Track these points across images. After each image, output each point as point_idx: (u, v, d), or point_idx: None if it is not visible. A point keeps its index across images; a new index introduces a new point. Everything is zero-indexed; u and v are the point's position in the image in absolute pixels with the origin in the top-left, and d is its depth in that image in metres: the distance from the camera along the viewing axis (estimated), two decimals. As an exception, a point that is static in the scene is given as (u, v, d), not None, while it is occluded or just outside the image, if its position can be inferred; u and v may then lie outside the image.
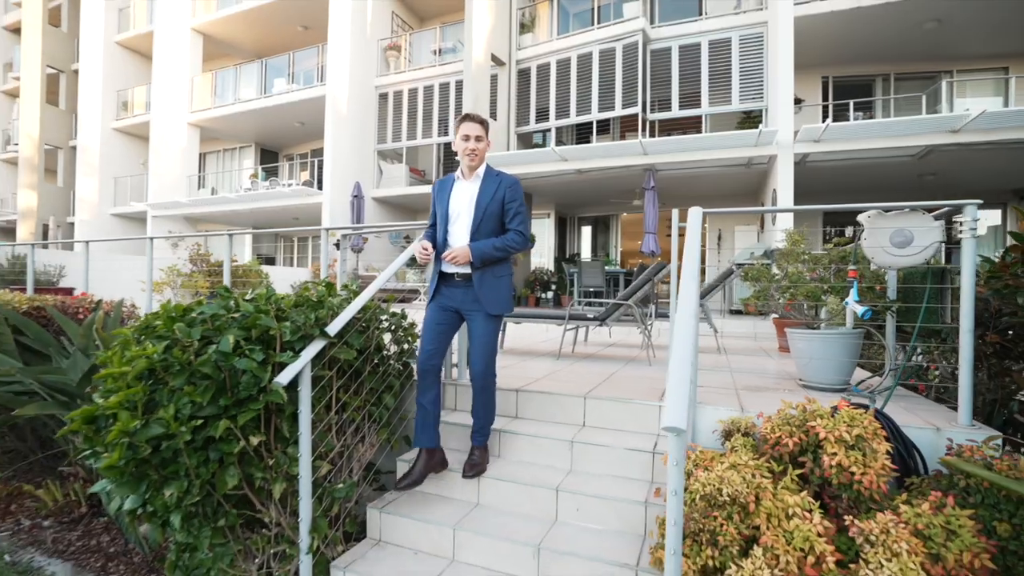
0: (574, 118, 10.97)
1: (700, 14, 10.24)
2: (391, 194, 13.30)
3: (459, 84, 12.12)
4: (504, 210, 2.59)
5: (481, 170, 2.64)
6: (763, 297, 3.26)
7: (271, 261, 18.06)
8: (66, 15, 19.90)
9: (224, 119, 15.57)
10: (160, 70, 15.84)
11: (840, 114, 10.21)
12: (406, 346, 3.10)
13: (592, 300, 7.61)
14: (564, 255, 14.61)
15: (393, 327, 3.01)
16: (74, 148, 19.13)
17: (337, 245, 4.88)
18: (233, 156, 18.21)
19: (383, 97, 13.73)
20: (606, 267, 11.27)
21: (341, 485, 2.44)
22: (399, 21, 14.57)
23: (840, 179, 10.05)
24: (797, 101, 10.24)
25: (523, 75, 11.88)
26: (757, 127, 8.72)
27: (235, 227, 17.43)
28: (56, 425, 3.70)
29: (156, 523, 2.10)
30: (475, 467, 2.60)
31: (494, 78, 11.57)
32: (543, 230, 14.37)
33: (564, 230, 14.92)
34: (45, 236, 18.90)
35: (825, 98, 10.89)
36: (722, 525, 1.77)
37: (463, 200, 2.62)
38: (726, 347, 5.66)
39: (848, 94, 10.43)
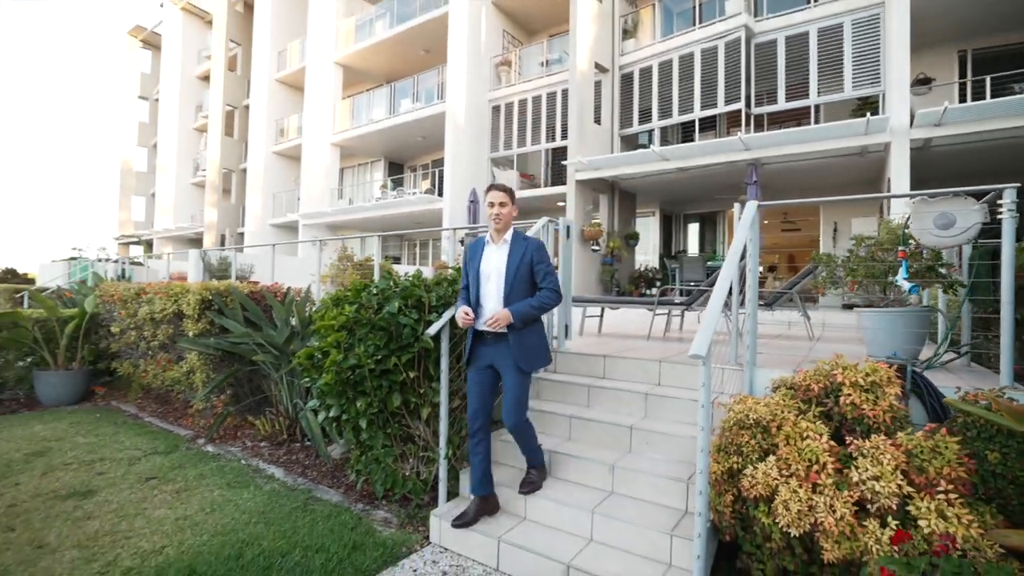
0: (676, 118, 11.23)
1: (808, 2, 10.01)
2: (502, 198, 14.42)
3: (565, 92, 12.89)
4: (533, 271, 2.82)
5: (508, 235, 2.87)
6: (830, 280, 3.60)
7: (397, 260, 20.21)
8: (240, 61, 23.84)
9: (359, 138, 17.83)
10: (310, 100, 18.54)
11: (982, 92, 9.39)
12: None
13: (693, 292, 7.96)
14: (669, 252, 14.75)
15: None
16: (244, 171, 22.88)
17: (462, 242, 5.88)
18: (366, 170, 20.65)
19: (495, 109, 14.92)
20: (709, 262, 11.37)
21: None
22: (509, 38, 15.71)
23: (973, 163, 9.25)
24: (925, 81, 9.63)
25: (626, 79, 12.35)
26: (875, 113, 8.42)
27: (369, 232, 19.78)
28: (261, 379, 5.08)
29: (349, 426, 3.14)
30: (531, 485, 2.93)
31: (598, 84, 12.18)
32: (647, 228, 14.66)
33: (670, 227, 15.06)
34: (222, 244, 22.82)
35: (962, 75, 10.05)
36: (747, 440, 2.35)
37: (492, 264, 2.84)
38: (823, 336, 5.81)
39: (991, 68, 9.53)
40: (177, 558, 2.72)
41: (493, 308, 2.78)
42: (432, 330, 3.04)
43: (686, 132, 12.65)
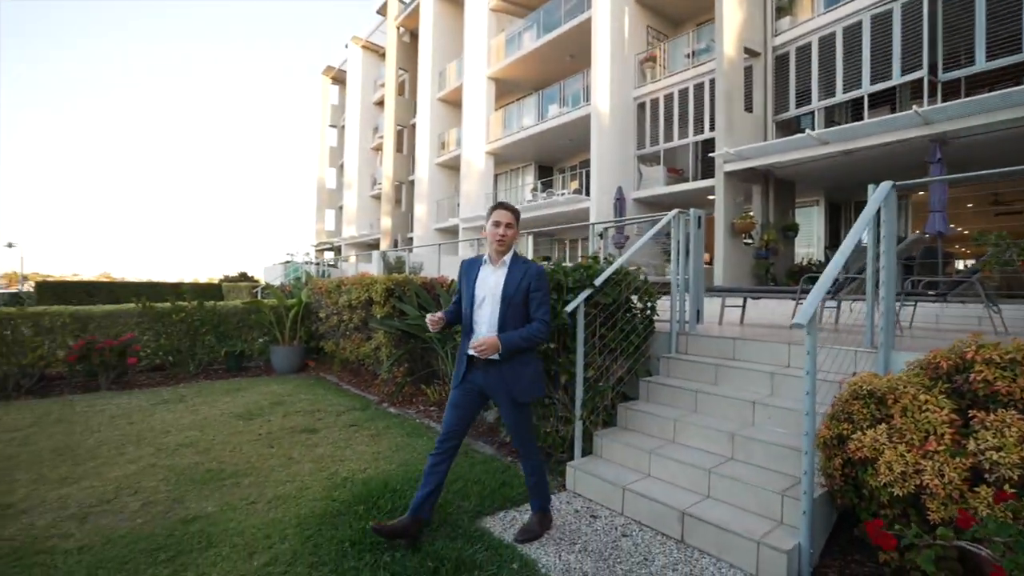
0: (840, 96, 10.28)
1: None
2: (650, 194, 14.44)
3: (712, 83, 12.51)
4: (528, 299, 2.66)
5: (508, 257, 2.72)
6: (993, 262, 3.32)
7: (547, 259, 21.15)
8: (408, 86, 26.95)
9: (511, 145, 19.09)
10: (467, 113, 20.35)
11: None
12: (648, 303, 4.27)
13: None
14: (837, 243, 13.39)
15: (638, 289, 4.22)
16: (412, 182, 25.82)
17: (601, 236, 6.32)
18: (518, 175, 21.97)
19: (641, 106, 14.96)
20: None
21: (601, 384, 3.79)
22: (654, 33, 15.61)
23: None
24: None
25: (780, 61, 11.59)
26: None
27: (522, 231, 20.96)
28: (431, 354, 6.07)
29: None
30: (528, 533, 2.78)
31: (748, 70, 11.63)
32: (809, 219, 13.49)
33: (837, 217, 13.66)
34: (395, 247, 25.98)
35: None
36: (857, 409, 2.46)
37: (488, 286, 2.70)
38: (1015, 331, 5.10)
39: None
40: (375, 475, 3.62)
41: (484, 335, 2.65)
42: (568, 308, 3.56)
43: (855, 110, 11.43)
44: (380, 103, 29.04)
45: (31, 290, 21.26)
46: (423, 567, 2.40)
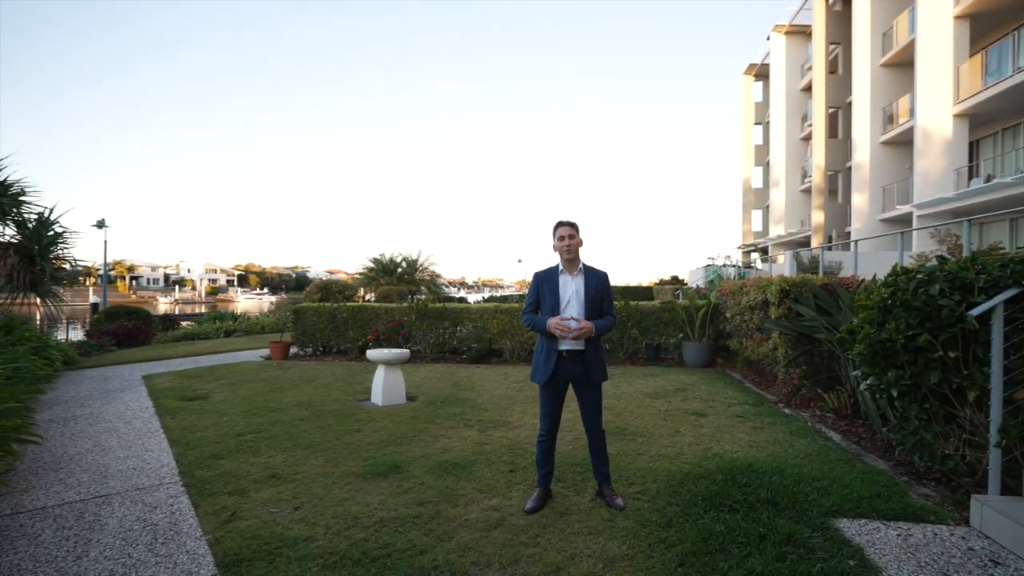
0: None
1: None
2: None
3: None
4: (602, 298, 3.32)
5: (580, 266, 3.34)
6: None
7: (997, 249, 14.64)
8: (840, 60, 23.71)
9: (997, 97, 14.30)
10: (922, 73, 16.40)
11: None
12: None
13: None
14: None
15: None
16: (848, 169, 22.51)
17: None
18: (1012, 135, 16.10)
19: None
20: None
21: (1038, 409, 2.97)
22: None
23: None
24: None
25: None
26: None
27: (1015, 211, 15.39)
28: (832, 359, 5.69)
29: (884, 394, 3.50)
30: (616, 497, 3.29)
31: None
32: None
33: None
34: (828, 244, 23.25)
35: None
36: None
37: (571, 290, 3.29)
38: None
39: None
40: (742, 457, 4.00)
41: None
42: (976, 311, 3.01)
43: None
44: (808, 88, 26.57)
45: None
46: (752, 530, 2.75)
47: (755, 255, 32.98)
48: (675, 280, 35.04)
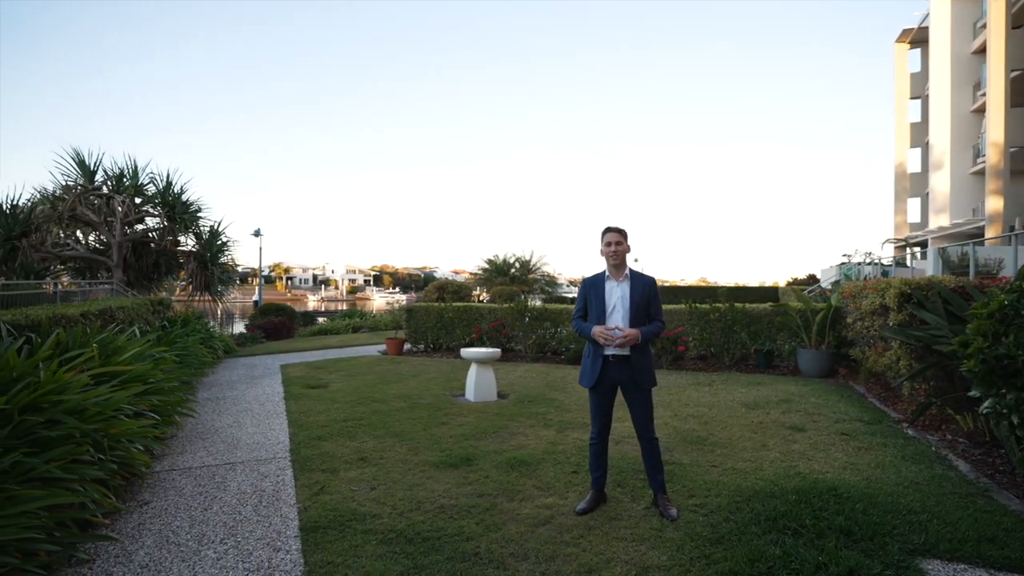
0: None
1: None
2: None
3: None
4: (648, 304, 3.30)
5: (626, 272, 3.34)
6: None
7: None
8: (1027, 13, 19.75)
9: None
10: None
11: None
12: None
13: None
14: None
15: None
16: (1038, 143, 18.70)
17: None
18: None
19: None
20: None
21: None
22: None
23: None
24: None
25: None
26: None
27: None
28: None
29: (1003, 419, 3.00)
30: (669, 506, 3.23)
31: None
32: None
33: None
34: (1010, 236, 19.53)
35: None
36: None
37: (616, 296, 3.30)
38: None
39: None
40: (829, 479, 3.64)
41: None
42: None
43: None
44: (981, 50, 22.48)
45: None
46: (811, 558, 2.53)
47: (913, 250, 28.78)
48: (811, 279, 31.78)
